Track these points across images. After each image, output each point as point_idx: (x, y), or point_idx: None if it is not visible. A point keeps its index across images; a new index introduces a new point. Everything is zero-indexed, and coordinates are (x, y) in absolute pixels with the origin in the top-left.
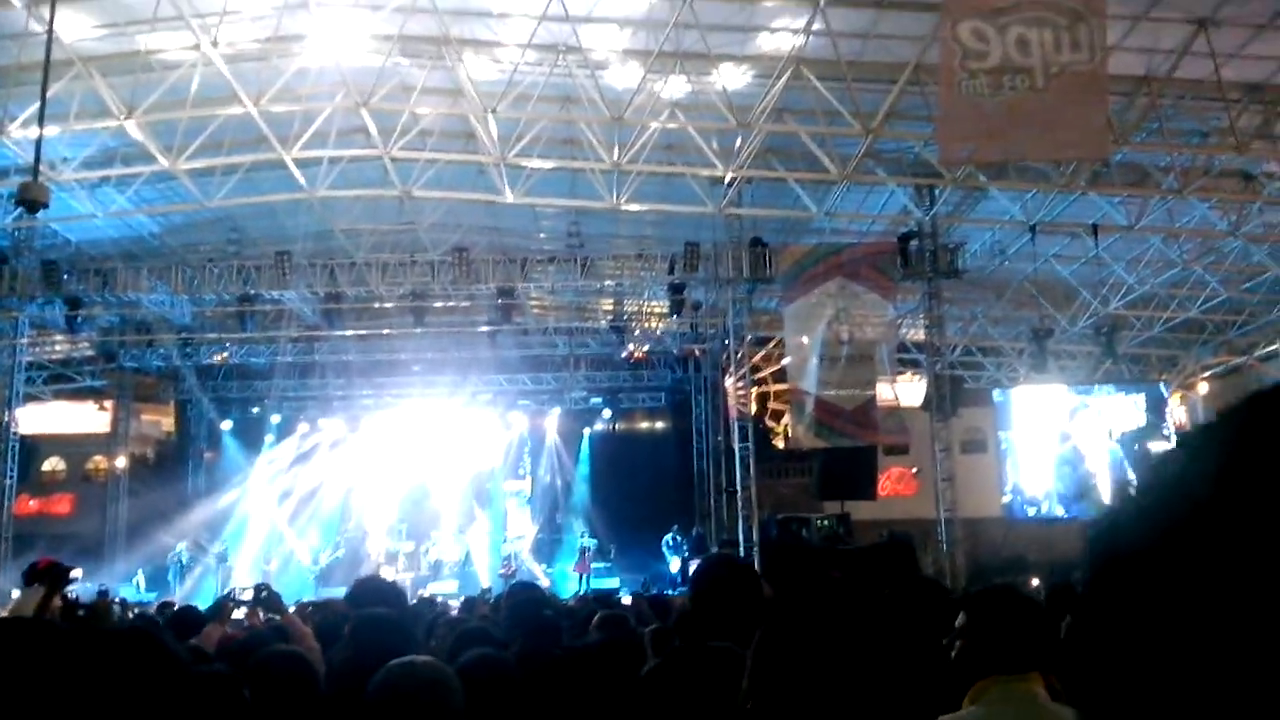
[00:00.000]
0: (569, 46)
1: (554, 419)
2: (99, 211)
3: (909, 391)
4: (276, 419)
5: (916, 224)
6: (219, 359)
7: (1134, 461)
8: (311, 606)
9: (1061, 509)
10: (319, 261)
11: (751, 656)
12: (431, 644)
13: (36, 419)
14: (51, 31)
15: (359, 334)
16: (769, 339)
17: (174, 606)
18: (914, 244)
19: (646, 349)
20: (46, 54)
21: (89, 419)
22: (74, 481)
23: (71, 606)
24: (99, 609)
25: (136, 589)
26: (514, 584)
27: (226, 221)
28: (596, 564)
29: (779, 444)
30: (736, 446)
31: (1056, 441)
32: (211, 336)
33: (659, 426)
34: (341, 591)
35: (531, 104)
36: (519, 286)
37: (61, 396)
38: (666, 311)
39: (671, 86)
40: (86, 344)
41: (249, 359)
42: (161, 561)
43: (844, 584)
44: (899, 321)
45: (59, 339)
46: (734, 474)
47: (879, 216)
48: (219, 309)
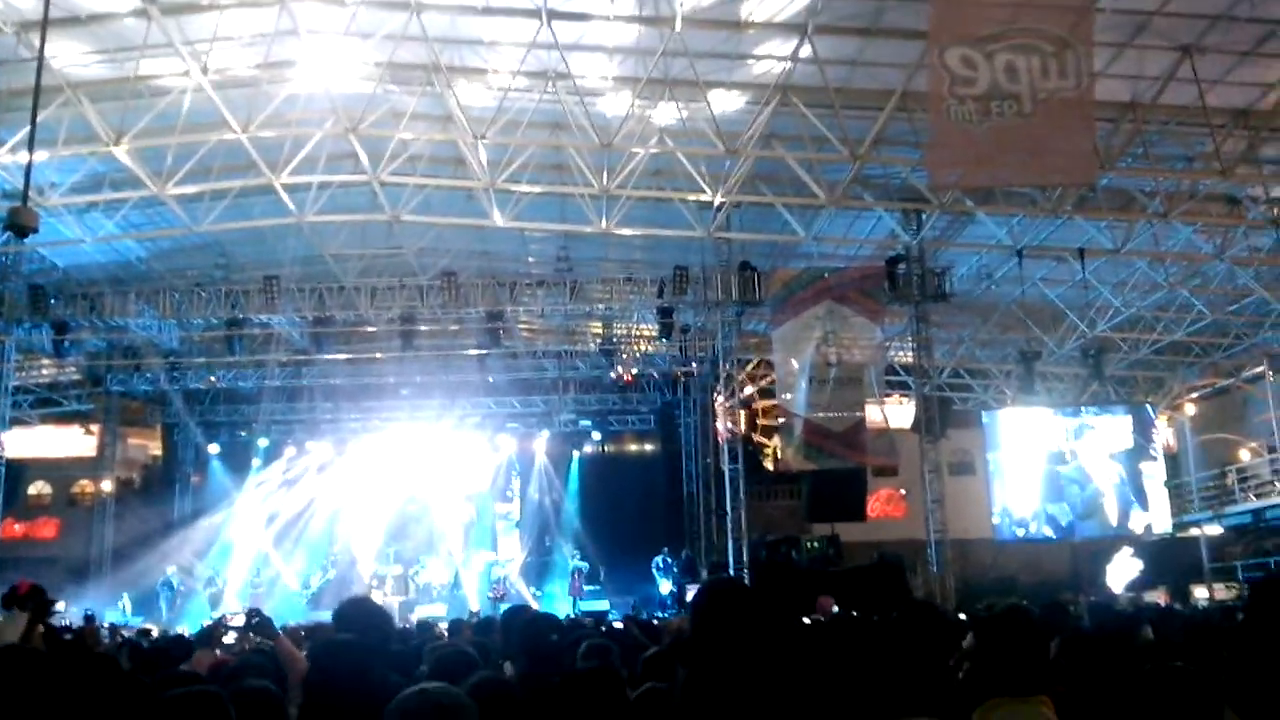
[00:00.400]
0: (558, 73)
1: (543, 441)
2: (87, 236)
3: (898, 413)
4: (264, 443)
5: (904, 248)
6: (206, 383)
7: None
8: (303, 631)
9: (1049, 530)
10: (307, 286)
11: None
12: (421, 668)
13: (22, 443)
14: (42, 58)
15: (347, 358)
16: (754, 360)
17: (151, 633)
18: (901, 268)
19: (635, 372)
20: (37, 80)
21: (75, 443)
22: (60, 505)
23: (55, 633)
24: (86, 635)
25: (123, 613)
26: (513, 606)
27: (215, 246)
28: (587, 586)
29: (768, 466)
30: (726, 468)
31: (1044, 461)
32: (199, 361)
33: (648, 449)
34: (329, 616)
35: (521, 130)
36: (508, 310)
37: (48, 420)
38: (656, 334)
39: (660, 113)
40: (73, 368)
41: (236, 383)
42: (147, 585)
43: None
44: (887, 344)
45: (46, 363)
46: (723, 496)
47: (866, 241)
48: (207, 333)
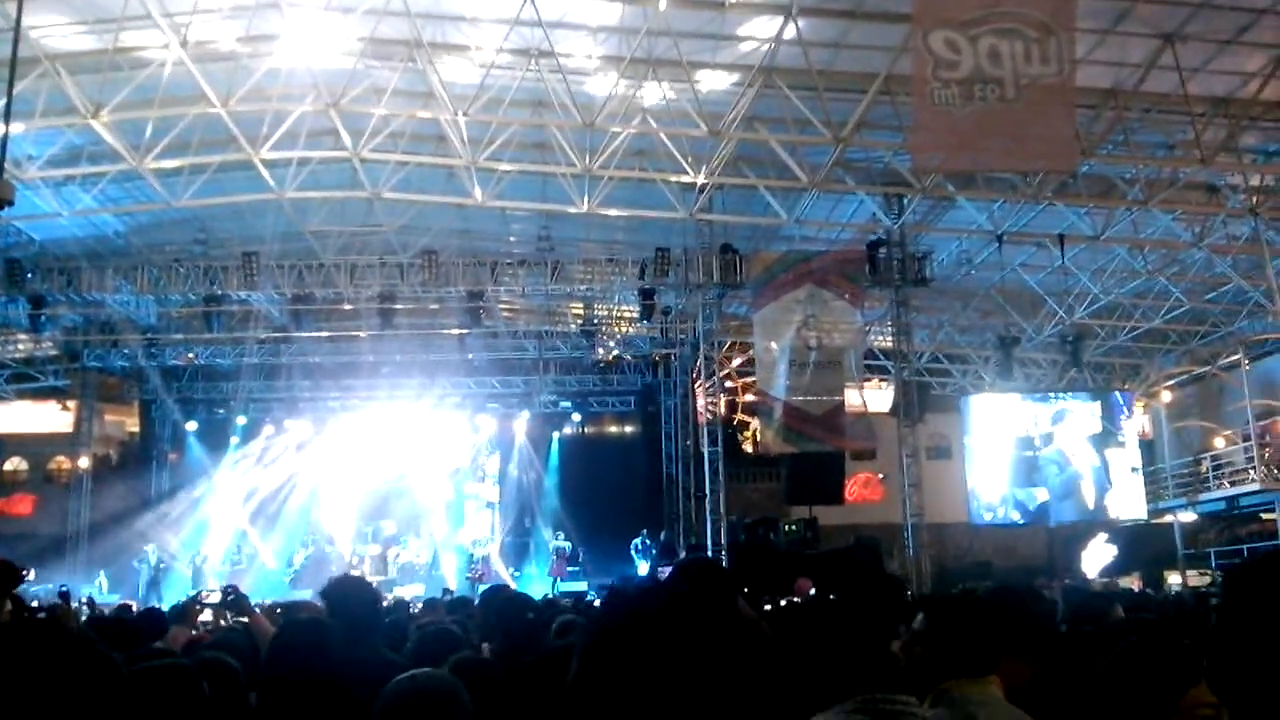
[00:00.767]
0: (541, 51)
1: (523, 422)
2: (64, 210)
3: (877, 398)
4: (242, 420)
5: (885, 232)
6: (185, 360)
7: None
8: (279, 609)
9: (1017, 514)
10: (287, 262)
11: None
12: (406, 646)
13: None
14: (19, 28)
15: (327, 336)
16: (735, 343)
17: (132, 609)
18: (882, 252)
19: (616, 353)
20: (13, 50)
21: (51, 419)
22: (35, 482)
23: (23, 608)
24: (61, 612)
25: (99, 590)
26: (491, 586)
27: (194, 222)
28: (569, 567)
29: (748, 449)
30: (706, 451)
31: (1013, 447)
32: (177, 337)
33: (628, 430)
34: (309, 594)
35: (503, 108)
36: (489, 289)
37: (24, 396)
38: (637, 316)
39: (644, 93)
40: (50, 343)
41: (215, 360)
42: (124, 563)
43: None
44: (867, 328)
45: (22, 338)
46: (703, 478)
47: (848, 224)
48: (185, 309)
